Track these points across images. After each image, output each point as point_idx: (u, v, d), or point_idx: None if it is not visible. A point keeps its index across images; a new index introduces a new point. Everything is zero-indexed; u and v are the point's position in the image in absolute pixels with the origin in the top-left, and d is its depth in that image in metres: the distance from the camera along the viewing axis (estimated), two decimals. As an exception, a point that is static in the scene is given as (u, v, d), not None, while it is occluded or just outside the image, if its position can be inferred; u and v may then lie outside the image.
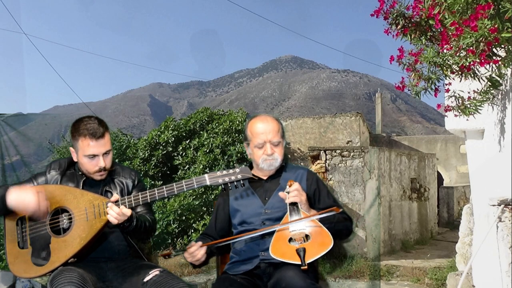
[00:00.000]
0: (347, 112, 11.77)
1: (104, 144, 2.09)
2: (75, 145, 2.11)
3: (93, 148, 2.06)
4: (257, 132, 2.12)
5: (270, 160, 2.11)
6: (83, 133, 2.06)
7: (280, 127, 2.16)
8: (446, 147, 13.29)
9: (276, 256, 1.83)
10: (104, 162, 2.09)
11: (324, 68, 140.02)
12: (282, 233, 1.92)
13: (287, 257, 1.81)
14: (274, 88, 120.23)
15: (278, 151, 2.12)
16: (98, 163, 2.08)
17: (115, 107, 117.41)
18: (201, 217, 7.09)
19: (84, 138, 2.05)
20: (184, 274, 4.94)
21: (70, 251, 1.94)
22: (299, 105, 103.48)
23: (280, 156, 2.13)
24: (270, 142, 2.10)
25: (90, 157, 2.07)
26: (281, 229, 1.93)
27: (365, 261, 5.70)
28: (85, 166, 2.11)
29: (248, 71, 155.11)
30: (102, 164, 2.09)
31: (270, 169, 2.14)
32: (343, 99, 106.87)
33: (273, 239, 1.92)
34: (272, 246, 1.88)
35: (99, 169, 2.10)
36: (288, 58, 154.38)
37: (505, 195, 2.19)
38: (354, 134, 9.80)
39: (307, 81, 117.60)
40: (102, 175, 2.13)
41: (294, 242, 1.86)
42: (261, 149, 2.11)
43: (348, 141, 9.76)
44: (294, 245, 1.85)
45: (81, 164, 2.13)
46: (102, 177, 2.14)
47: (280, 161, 2.14)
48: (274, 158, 2.11)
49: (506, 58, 1.63)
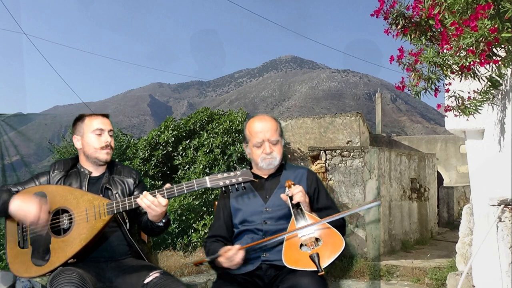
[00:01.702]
0: (347, 112, 11.77)
1: (109, 124, 2.21)
2: (80, 128, 2.19)
3: (100, 123, 2.17)
4: (255, 131, 2.12)
5: (269, 159, 2.11)
6: (89, 115, 2.21)
7: (278, 126, 2.16)
8: (446, 147, 13.29)
9: (290, 265, 1.80)
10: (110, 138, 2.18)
11: (324, 68, 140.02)
12: (292, 240, 1.89)
13: (301, 265, 1.78)
14: (274, 88, 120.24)
15: (277, 149, 2.12)
16: (105, 138, 2.16)
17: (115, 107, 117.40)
18: (201, 217, 7.09)
19: (91, 116, 2.20)
20: (184, 274, 4.94)
21: (70, 251, 1.94)
22: (299, 105, 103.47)
23: (279, 155, 2.13)
24: (269, 140, 2.10)
25: (97, 132, 2.16)
26: (290, 236, 1.90)
27: (365, 261, 5.69)
28: (92, 143, 2.16)
29: (248, 71, 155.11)
30: (108, 139, 2.17)
31: (269, 168, 2.14)
32: (343, 99, 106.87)
33: (284, 247, 1.89)
34: (284, 255, 1.86)
35: (105, 145, 2.16)
36: (288, 58, 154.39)
37: (505, 195, 2.19)
38: (354, 134, 9.80)
39: (307, 81, 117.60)
40: (108, 153, 2.18)
41: (305, 248, 1.83)
42: (260, 148, 2.11)
43: (348, 141, 9.76)
44: (306, 251, 1.82)
45: (86, 145, 2.17)
46: (108, 156, 2.18)
47: (279, 159, 2.14)
48: (273, 157, 2.11)
49: (506, 58, 1.62)
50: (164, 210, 1.94)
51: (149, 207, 1.91)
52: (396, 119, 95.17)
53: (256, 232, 2.06)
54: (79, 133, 2.19)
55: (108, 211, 1.97)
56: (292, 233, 1.90)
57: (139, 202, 1.92)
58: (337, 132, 9.94)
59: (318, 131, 10.05)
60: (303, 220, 1.92)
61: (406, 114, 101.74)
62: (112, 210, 1.97)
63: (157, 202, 1.90)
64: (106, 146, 2.16)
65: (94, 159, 2.18)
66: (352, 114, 10.13)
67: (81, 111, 2.53)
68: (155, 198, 1.90)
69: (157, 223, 2.01)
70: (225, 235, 2.15)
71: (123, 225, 2.12)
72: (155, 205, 1.90)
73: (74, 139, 2.22)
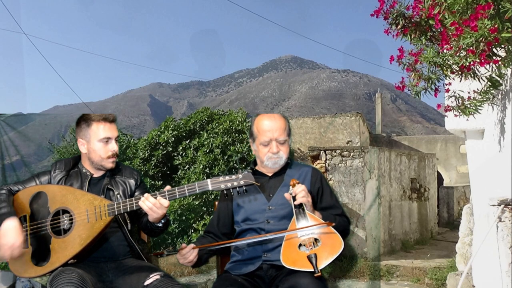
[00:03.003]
0: (347, 112, 11.77)
1: (116, 130, 2.17)
2: (86, 133, 2.13)
3: (108, 131, 2.12)
4: (264, 130, 2.10)
5: (275, 158, 2.10)
6: (96, 119, 2.13)
7: (287, 125, 2.14)
8: (446, 147, 13.29)
9: (288, 265, 1.80)
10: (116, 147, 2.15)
11: (324, 68, 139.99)
12: (291, 240, 1.88)
13: (298, 265, 1.78)
14: (274, 88, 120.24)
15: (284, 149, 2.11)
16: (112, 146, 2.13)
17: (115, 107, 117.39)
18: (201, 217, 7.09)
19: (98, 122, 2.12)
20: (184, 274, 4.94)
21: (70, 252, 1.94)
22: (299, 105, 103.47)
23: (285, 155, 2.11)
24: (276, 140, 2.08)
25: (104, 141, 2.12)
26: (290, 236, 1.90)
27: (365, 261, 5.69)
28: (98, 152, 2.13)
29: (248, 71, 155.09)
30: (115, 147, 2.14)
31: (275, 167, 2.13)
32: (343, 99, 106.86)
33: (283, 247, 1.88)
34: (282, 254, 1.85)
35: (112, 154, 2.13)
36: (288, 58, 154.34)
37: (505, 195, 2.19)
38: (354, 134, 9.80)
39: (307, 81, 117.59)
40: (114, 161, 2.16)
41: (304, 248, 1.83)
42: (267, 146, 2.10)
43: (348, 141, 9.76)
44: (305, 251, 1.81)
45: (93, 152, 2.13)
46: (113, 164, 2.16)
47: (285, 159, 2.12)
48: (279, 157, 2.10)
49: (506, 58, 1.63)
50: (165, 212, 1.94)
51: (151, 209, 1.91)
52: (396, 119, 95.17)
53: (258, 232, 2.04)
54: (85, 138, 2.14)
55: (109, 212, 1.97)
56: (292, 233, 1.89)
57: (140, 204, 1.92)
58: (337, 132, 9.94)
59: (318, 131, 10.05)
60: (304, 220, 1.90)
61: (406, 114, 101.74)
62: (113, 211, 1.97)
63: (158, 204, 1.90)
64: (112, 155, 2.14)
65: (99, 166, 2.16)
66: (352, 114, 10.14)
67: (81, 111, 2.52)
68: (157, 201, 1.90)
69: (157, 224, 2.01)
70: (216, 232, 2.17)
71: (123, 226, 2.12)
72: (157, 207, 1.90)
73: (79, 143, 2.18)
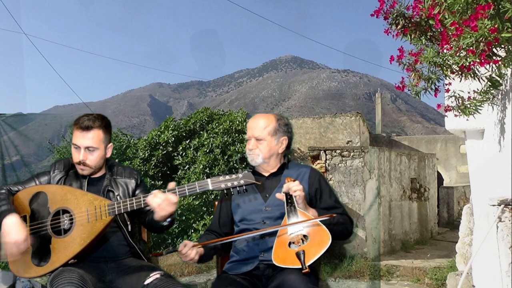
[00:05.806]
0: (347, 112, 11.77)
1: (90, 139, 2.10)
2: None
3: (77, 138, 2.11)
4: (247, 127, 2.20)
5: (251, 155, 2.16)
6: (76, 123, 2.14)
7: (271, 125, 2.16)
8: (446, 147, 13.29)
9: (278, 263, 1.82)
10: (84, 156, 2.10)
11: (324, 68, 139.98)
12: (282, 238, 1.90)
13: (288, 263, 1.80)
14: (274, 88, 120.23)
15: (261, 147, 2.14)
16: (80, 156, 2.11)
17: (115, 107, 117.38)
18: (201, 217, 7.09)
19: (76, 128, 2.13)
20: (184, 274, 4.94)
21: (70, 252, 1.94)
22: (299, 105, 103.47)
23: (261, 153, 2.13)
24: (254, 137, 2.14)
25: (75, 146, 2.13)
26: (281, 234, 1.91)
27: (365, 261, 5.69)
28: (72, 155, 2.16)
29: (248, 71, 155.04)
30: (80, 157, 2.10)
31: (253, 164, 2.18)
32: (343, 99, 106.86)
33: (275, 245, 1.90)
34: (274, 253, 1.88)
35: (78, 161, 2.12)
36: (288, 58, 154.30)
37: (505, 195, 2.19)
38: (354, 134, 9.80)
39: (307, 81, 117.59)
40: (82, 169, 2.14)
41: (293, 245, 1.85)
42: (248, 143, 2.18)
43: (348, 141, 9.76)
44: (294, 248, 1.83)
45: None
46: (83, 171, 2.15)
47: (261, 158, 2.14)
48: (255, 154, 2.14)
49: (506, 58, 1.63)
50: (173, 209, 1.93)
51: (159, 206, 1.90)
52: (396, 119, 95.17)
53: None
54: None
55: (109, 212, 1.97)
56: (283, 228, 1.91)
57: (149, 201, 1.91)
58: (337, 132, 9.94)
59: (318, 131, 10.05)
60: (295, 217, 1.91)
61: (406, 114, 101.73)
62: (113, 211, 1.97)
63: (167, 201, 1.90)
64: (78, 163, 2.12)
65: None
66: (352, 114, 10.13)
67: (81, 111, 2.52)
68: (166, 196, 1.90)
69: (162, 222, 2.01)
70: (218, 230, 2.20)
71: (123, 226, 2.12)
72: (166, 204, 1.90)
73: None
